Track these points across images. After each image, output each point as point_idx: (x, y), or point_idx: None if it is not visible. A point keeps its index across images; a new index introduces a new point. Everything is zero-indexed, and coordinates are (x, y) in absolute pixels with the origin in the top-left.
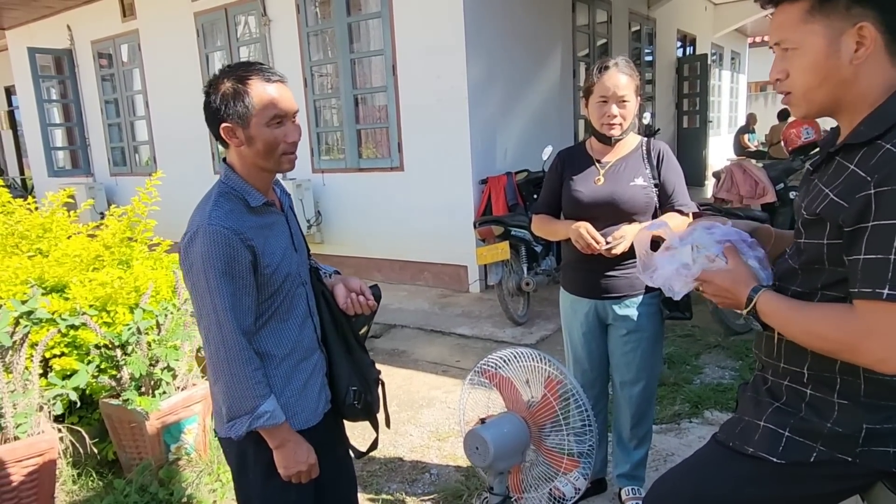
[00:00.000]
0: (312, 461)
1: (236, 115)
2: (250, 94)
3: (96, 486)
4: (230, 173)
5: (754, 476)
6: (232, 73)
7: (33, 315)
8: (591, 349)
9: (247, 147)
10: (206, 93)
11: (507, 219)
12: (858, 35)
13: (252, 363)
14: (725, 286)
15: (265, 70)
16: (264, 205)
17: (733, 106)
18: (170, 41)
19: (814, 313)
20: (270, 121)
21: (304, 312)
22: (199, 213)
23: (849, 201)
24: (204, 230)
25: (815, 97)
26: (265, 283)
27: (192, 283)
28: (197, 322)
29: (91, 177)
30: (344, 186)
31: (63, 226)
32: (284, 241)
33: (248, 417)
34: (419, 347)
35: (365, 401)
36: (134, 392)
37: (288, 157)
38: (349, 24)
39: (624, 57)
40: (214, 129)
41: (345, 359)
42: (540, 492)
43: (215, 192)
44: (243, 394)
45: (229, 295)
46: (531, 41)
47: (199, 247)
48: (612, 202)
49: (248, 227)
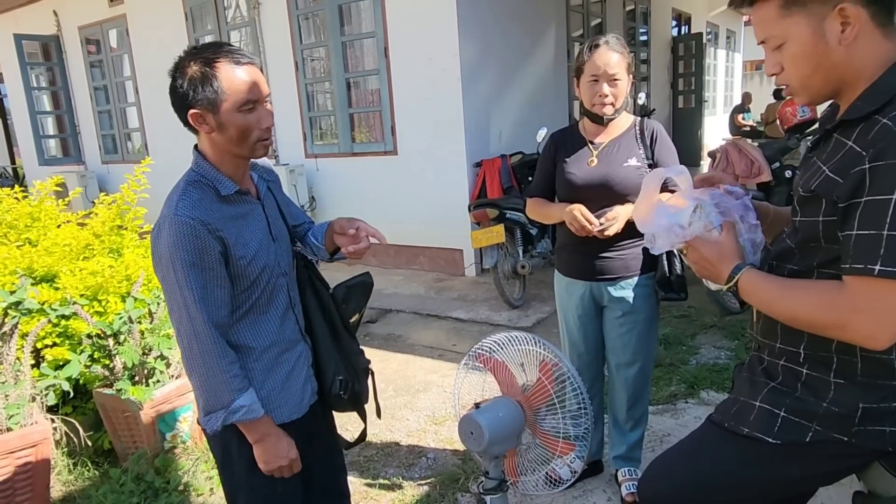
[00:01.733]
0: (293, 456)
1: (205, 101)
2: (219, 78)
3: (92, 475)
4: (201, 161)
5: (750, 456)
6: (198, 55)
7: (22, 305)
8: (586, 331)
9: (218, 134)
10: (171, 76)
11: (502, 201)
12: (841, 16)
13: (226, 356)
14: (710, 257)
15: (234, 51)
16: (237, 193)
17: (729, 85)
18: (158, 26)
19: (801, 292)
20: (242, 106)
21: (284, 304)
22: (167, 203)
23: (843, 176)
24: (170, 221)
25: (812, 84)
26: (239, 274)
27: (161, 275)
28: (169, 315)
29: (82, 165)
30: (337, 171)
31: (52, 215)
32: (260, 231)
33: (223, 412)
34: (415, 332)
35: (352, 391)
36: (127, 381)
37: (262, 143)
38: (340, 6)
39: (614, 34)
40: (182, 116)
41: (332, 347)
42: (536, 475)
43: (184, 182)
44: (218, 388)
45: (199, 287)
46: (525, 22)
47: (165, 238)
48: (605, 183)
49: (218, 217)
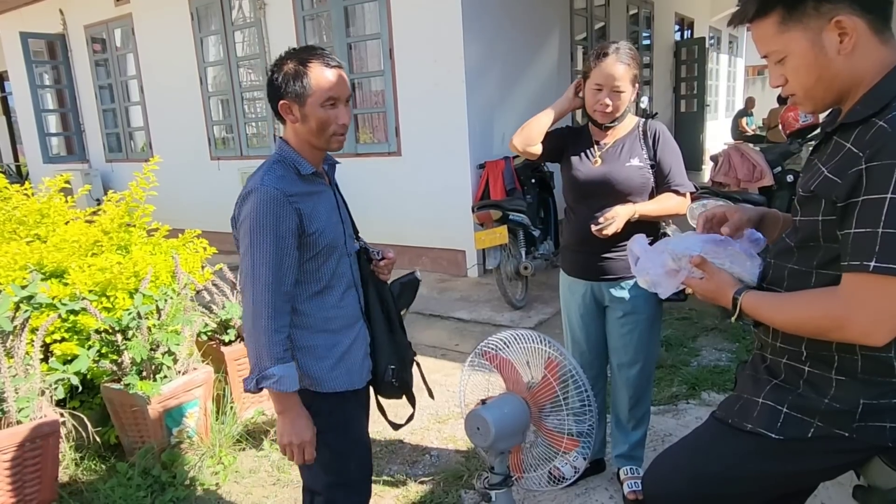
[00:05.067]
0: (307, 438)
1: (294, 94)
2: (309, 76)
3: (99, 469)
4: (284, 146)
5: (753, 452)
6: (296, 55)
7: (33, 300)
8: (588, 331)
9: (301, 124)
10: (270, 70)
11: (505, 203)
12: (838, 28)
13: (277, 322)
14: (709, 294)
15: (326, 55)
16: (314, 174)
17: (731, 90)
18: (164, 25)
19: (799, 300)
20: (325, 102)
21: (347, 282)
22: (252, 178)
23: (841, 177)
24: (257, 190)
25: (816, 94)
26: (310, 245)
27: (239, 238)
28: (241, 278)
29: (86, 163)
30: (341, 171)
31: (60, 211)
32: (331, 210)
33: (256, 374)
34: (418, 332)
35: (402, 379)
36: (135, 377)
37: (337, 138)
38: (345, 7)
39: (627, 43)
40: (273, 105)
41: (386, 338)
42: (540, 472)
43: (269, 161)
44: (261, 351)
45: (272, 253)
46: (528, 25)
47: (250, 204)
48: (607, 182)
49: (297, 191)
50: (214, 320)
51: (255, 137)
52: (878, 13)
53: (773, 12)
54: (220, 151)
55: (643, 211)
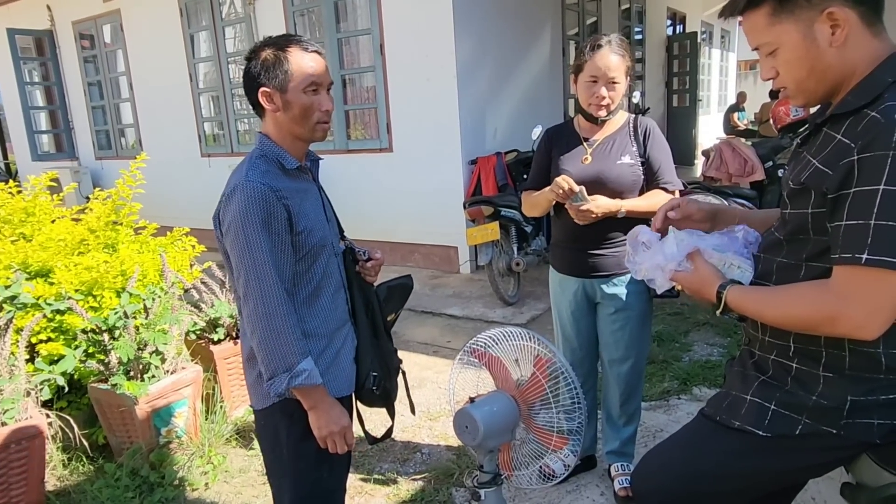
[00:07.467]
0: (346, 423)
1: (275, 81)
2: (290, 61)
3: (87, 470)
4: (266, 140)
5: (741, 449)
6: (273, 42)
7: (17, 300)
8: (579, 328)
9: (283, 113)
10: (247, 59)
11: (497, 199)
12: (830, 19)
13: (292, 318)
14: (694, 288)
15: (304, 41)
16: (298, 169)
17: (723, 84)
18: (153, 21)
19: (789, 294)
20: (307, 87)
21: (336, 283)
22: (235, 174)
23: (833, 168)
24: (241, 187)
25: (808, 87)
26: (298, 245)
27: (230, 241)
28: (235, 280)
29: (76, 160)
30: (333, 168)
31: (46, 210)
32: (318, 208)
33: (286, 375)
34: (410, 328)
35: (384, 388)
36: (122, 376)
37: (321, 126)
38: (335, 2)
39: (618, 35)
40: (252, 95)
41: (370, 343)
42: (530, 469)
43: (251, 156)
44: (283, 350)
45: (268, 250)
46: (520, 20)
47: (236, 202)
48: (599, 181)
49: (283, 186)
50: (203, 319)
51: (246, 134)
52: (870, 5)
53: (765, 4)
54: (211, 148)
55: (630, 207)
